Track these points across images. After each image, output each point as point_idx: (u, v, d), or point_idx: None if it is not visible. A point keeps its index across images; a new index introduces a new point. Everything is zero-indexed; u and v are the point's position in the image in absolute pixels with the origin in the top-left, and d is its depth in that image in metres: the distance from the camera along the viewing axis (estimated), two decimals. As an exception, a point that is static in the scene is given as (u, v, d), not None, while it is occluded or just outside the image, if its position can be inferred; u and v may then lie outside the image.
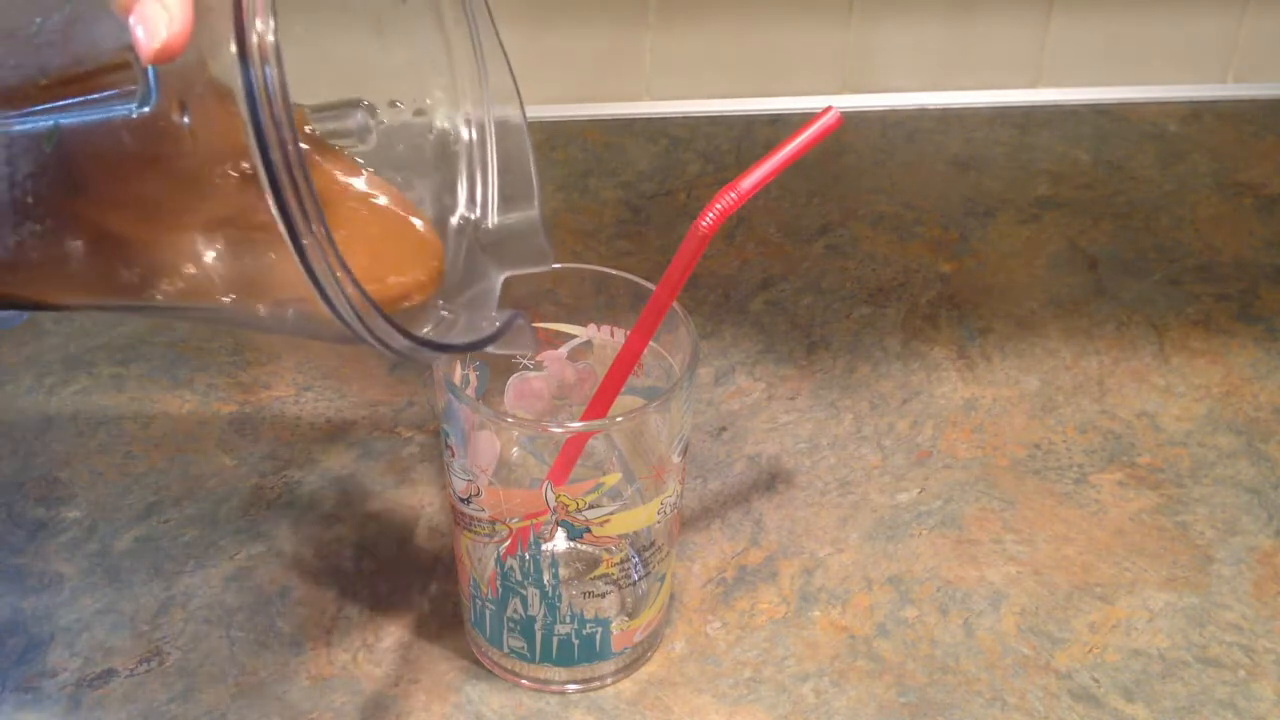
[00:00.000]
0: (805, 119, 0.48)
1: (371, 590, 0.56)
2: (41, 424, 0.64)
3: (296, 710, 0.51)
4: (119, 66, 0.38)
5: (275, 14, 0.35)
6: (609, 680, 0.53)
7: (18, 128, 0.40)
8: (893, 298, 0.73)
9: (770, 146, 0.87)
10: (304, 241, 0.36)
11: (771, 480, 0.62)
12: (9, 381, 0.66)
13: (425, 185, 0.49)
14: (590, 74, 0.86)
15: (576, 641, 0.51)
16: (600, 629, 0.51)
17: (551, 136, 0.84)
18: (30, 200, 0.40)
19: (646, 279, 0.51)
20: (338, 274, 0.37)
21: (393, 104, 0.49)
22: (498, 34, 0.48)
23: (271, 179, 0.35)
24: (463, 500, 0.49)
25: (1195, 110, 0.89)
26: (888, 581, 0.57)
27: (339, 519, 0.59)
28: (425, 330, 0.44)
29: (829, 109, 0.44)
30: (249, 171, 0.36)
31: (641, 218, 0.78)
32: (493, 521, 0.48)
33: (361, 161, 0.47)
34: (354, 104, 0.48)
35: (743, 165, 0.83)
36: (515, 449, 0.50)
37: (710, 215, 0.44)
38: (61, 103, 0.39)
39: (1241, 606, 0.56)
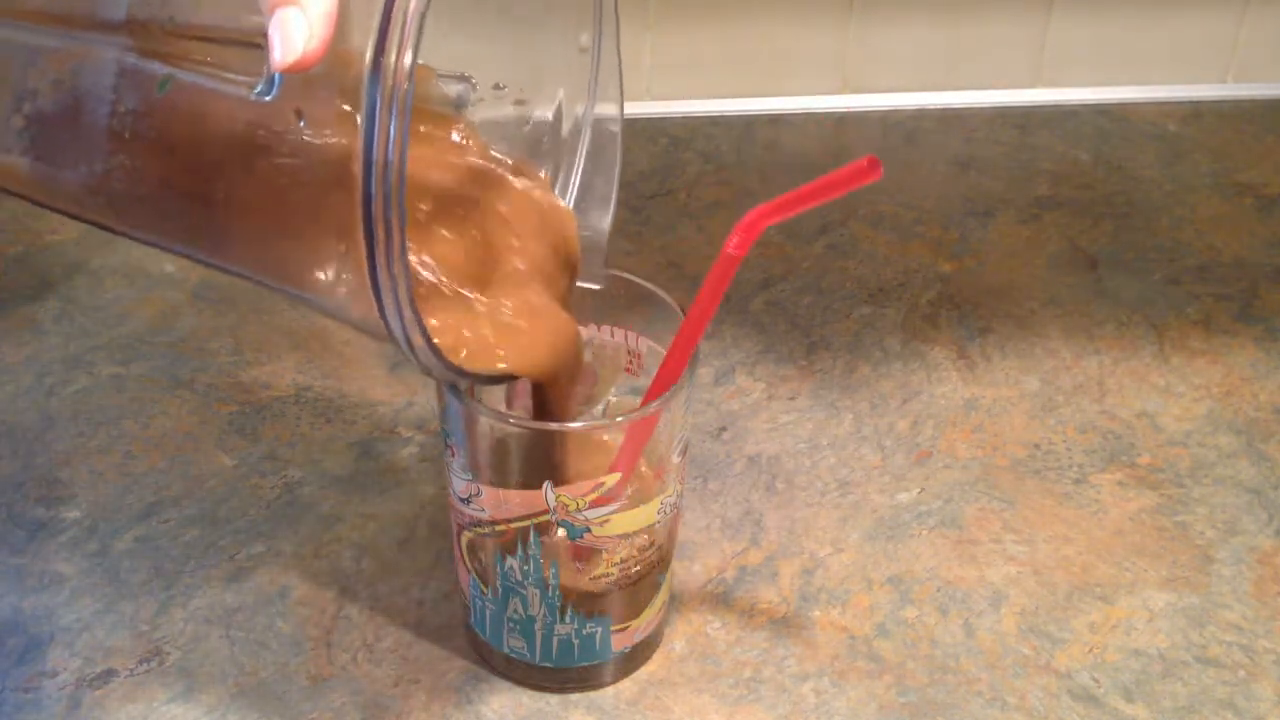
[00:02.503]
0: (805, 119, 0.47)
1: (371, 590, 0.56)
2: (41, 424, 0.64)
3: (296, 710, 0.51)
4: (248, 44, 0.38)
5: (416, 52, 0.36)
6: (609, 680, 0.53)
7: (132, 61, 0.40)
8: (893, 298, 0.73)
9: (770, 147, 0.87)
10: (379, 275, 0.37)
11: (771, 480, 0.62)
12: (9, 381, 0.66)
13: None
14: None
15: (576, 641, 0.51)
16: (600, 629, 0.51)
17: (551, 136, 0.84)
18: (128, 135, 0.40)
19: (647, 279, 0.51)
20: (405, 313, 0.38)
21: (497, 87, 0.49)
22: (619, 56, 0.48)
23: (367, 208, 0.36)
24: (463, 500, 0.49)
25: (1195, 110, 0.89)
26: (888, 581, 0.57)
27: (339, 519, 0.59)
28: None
29: (872, 158, 0.42)
30: (347, 186, 0.36)
31: (641, 218, 0.78)
32: (493, 521, 0.48)
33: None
34: (456, 76, 0.48)
35: (743, 165, 0.83)
36: (515, 449, 0.50)
37: (736, 238, 0.43)
38: (183, 56, 0.39)
39: (1241, 606, 0.56)
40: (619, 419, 0.48)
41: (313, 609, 0.55)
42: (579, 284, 0.49)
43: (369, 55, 0.35)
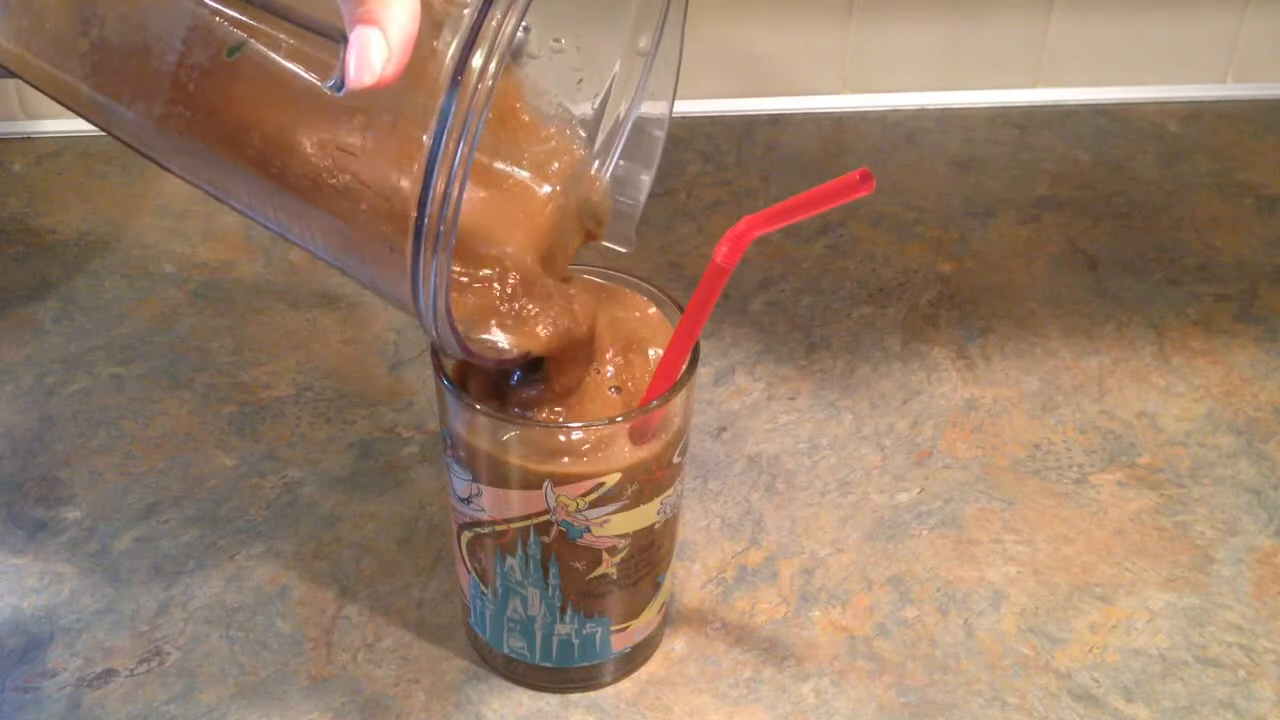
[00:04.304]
0: (805, 119, 0.47)
1: (371, 590, 0.56)
2: (41, 424, 0.64)
3: (296, 710, 0.51)
4: (328, 35, 0.38)
5: (490, 104, 0.36)
6: (609, 680, 0.53)
7: (206, 16, 0.40)
8: (893, 298, 0.73)
9: (770, 147, 0.87)
10: (420, 283, 0.38)
11: (771, 480, 0.62)
12: (9, 381, 0.66)
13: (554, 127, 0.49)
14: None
15: (576, 641, 0.51)
16: (600, 629, 0.51)
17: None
18: (191, 88, 0.41)
19: (646, 279, 0.51)
20: (441, 320, 0.39)
21: (556, 40, 0.49)
22: (683, 33, 0.48)
23: (419, 230, 0.37)
24: (463, 500, 0.49)
25: (1195, 110, 0.89)
26: (888, 581, 0.57)
27: (339, 519, 0.59)
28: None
29: (865, 171, 0.42)
30: (400, 198, 0.37)
31: (641, 218, 0.78)
32: (493, 521, 0.48)
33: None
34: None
35: (743, 165, 0.83)
36: (515, 448, 0.50)
37: (725, 248, 0.43)
38: (258, 27, 0.39)
39: (1241, 606, 0.56)
40: (618, 419, 0.48)
41: (313, 609, 0.55)
42: (608, 245, 0.50)
43: (450, 64, 0.36)
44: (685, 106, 0.88)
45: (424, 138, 0.37)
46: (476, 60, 0.36)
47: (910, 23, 0.87)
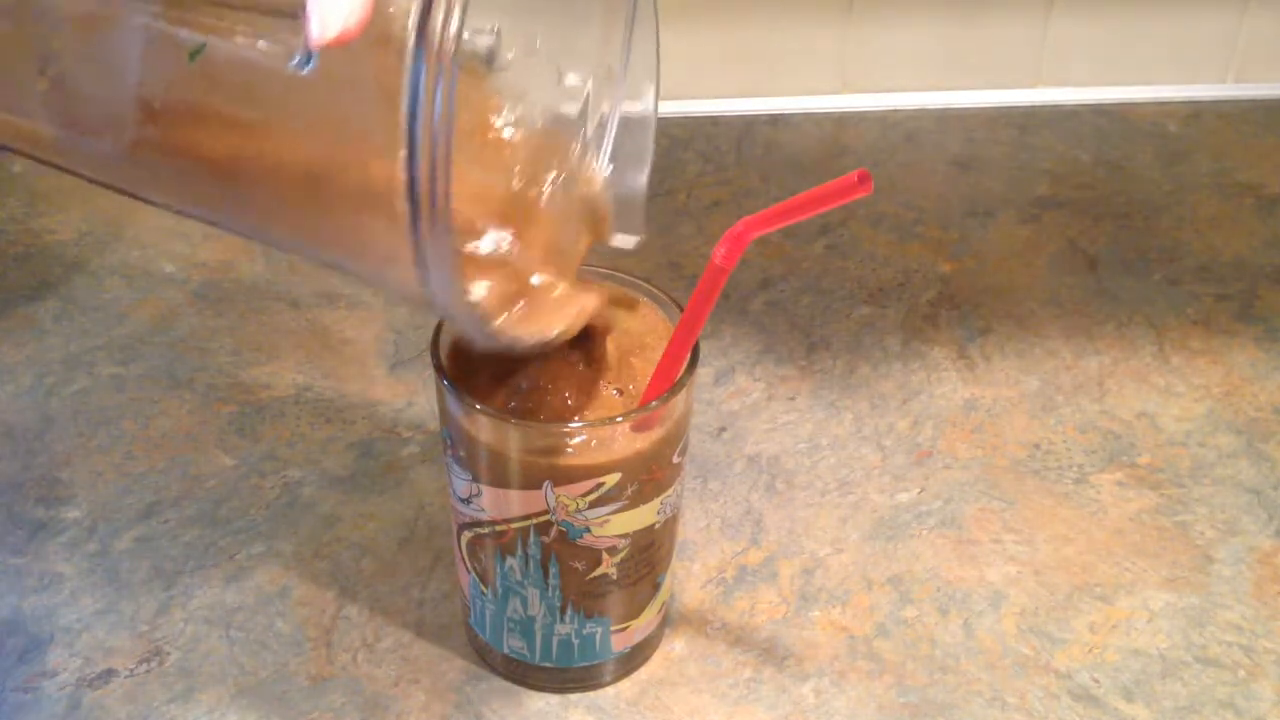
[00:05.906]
0: (805, 119, 0.47)
1: (371, 590, 0.56)
2: (41, 424, 0.64)
3: (296, 710, 0.51)
4: (283, 14, 0.37)
5: (461, 36, 0.35)
6: (609, 680, 0.53)
7: (161, 28, 0.39)
8: (893, 298, 0.73)
9: (770, 147, 0.87)
10: (424, 247, 0.37)
11: (771, 480, 0.62)
12: (9, 381, 0.66)
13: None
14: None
15: (576, 641, 0.51)
16: (600, 629, 0.51)
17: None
18: (157, 105, 0.40)
19: (646, 279, 0.51)
20: (451, 286, 0.38)
21: (529, 42, 0.48)
22: (656, 10, 0.47)
23: (412, 182, 0.36)
24: (463, 500, 0.49)
25: (1195, 110, 0.89)
26: (888, 581, 0.57)
27: (339, 519, 0.59)
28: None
29: (863, 172, 0.42)
30: (389, 159, 0.36)
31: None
32: (493, 521, 0.48)
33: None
34: (485, 30, 0.47)
35: (743, 165, 0.83)
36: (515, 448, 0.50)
37: (724, 249, 0.43)
38: (215, 24, 0.38)
39: (1241, 606, 0.56)
40: (618, 418, 0.48)
41: (313, 609, 0.55)
42: (618, 242, 0.49)
43: (413, 20, 0.35)
44: (685, 106, 0.88)
45: (402, 81, 0.35)
46: (437, 6, 0.35)
47: (910, 23, 0.87)
